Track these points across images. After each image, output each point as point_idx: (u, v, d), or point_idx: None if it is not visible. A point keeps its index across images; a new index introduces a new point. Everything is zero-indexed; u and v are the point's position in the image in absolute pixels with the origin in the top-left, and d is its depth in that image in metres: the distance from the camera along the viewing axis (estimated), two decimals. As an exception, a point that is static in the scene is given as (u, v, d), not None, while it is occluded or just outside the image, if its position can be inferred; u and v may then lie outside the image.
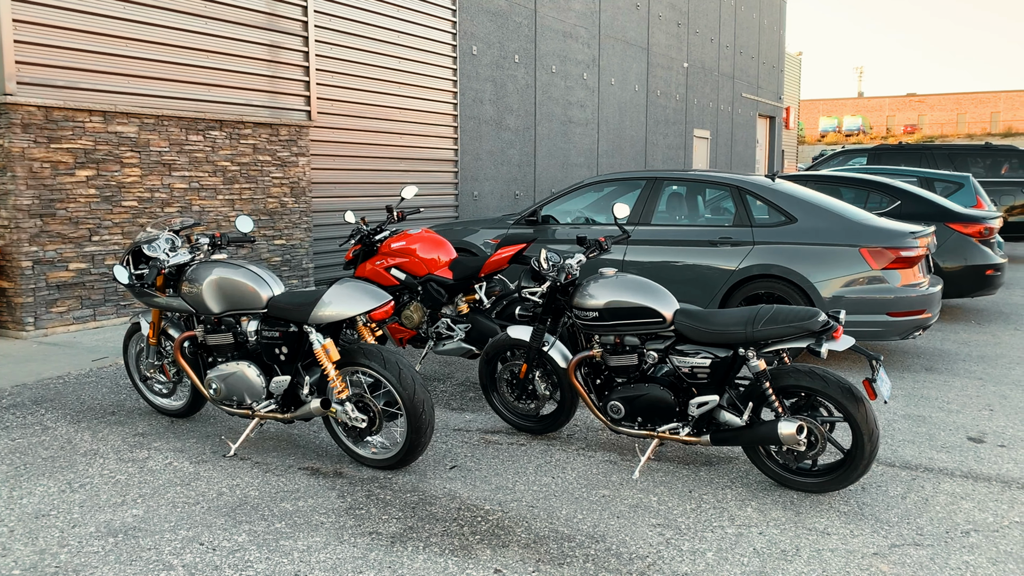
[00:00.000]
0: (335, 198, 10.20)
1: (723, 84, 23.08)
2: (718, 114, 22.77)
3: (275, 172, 9.25)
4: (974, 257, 8.76)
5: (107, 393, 5.71)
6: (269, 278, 4.55)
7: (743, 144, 24.94)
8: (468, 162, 12.64)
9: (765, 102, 26.84)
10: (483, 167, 13.04)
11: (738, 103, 24.29)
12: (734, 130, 24.06)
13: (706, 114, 21.94)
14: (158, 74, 8.03)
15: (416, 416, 4.18)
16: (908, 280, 6.68)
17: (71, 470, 4.36)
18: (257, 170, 9.04)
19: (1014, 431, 5.25)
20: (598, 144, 16.41)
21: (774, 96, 27.86)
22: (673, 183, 7.68)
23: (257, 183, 9.04)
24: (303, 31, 9.54)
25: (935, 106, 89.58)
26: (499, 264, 5.91)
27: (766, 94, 26.90)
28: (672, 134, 19.86)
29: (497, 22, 13.13)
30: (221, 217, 8.67)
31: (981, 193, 11.54)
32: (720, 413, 4.29)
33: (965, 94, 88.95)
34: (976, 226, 8.93)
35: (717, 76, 22.62)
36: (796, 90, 35.22)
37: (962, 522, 3.94)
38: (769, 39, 26.83)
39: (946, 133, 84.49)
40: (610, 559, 3.53)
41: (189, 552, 3.49)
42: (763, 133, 27.49)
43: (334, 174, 10.19)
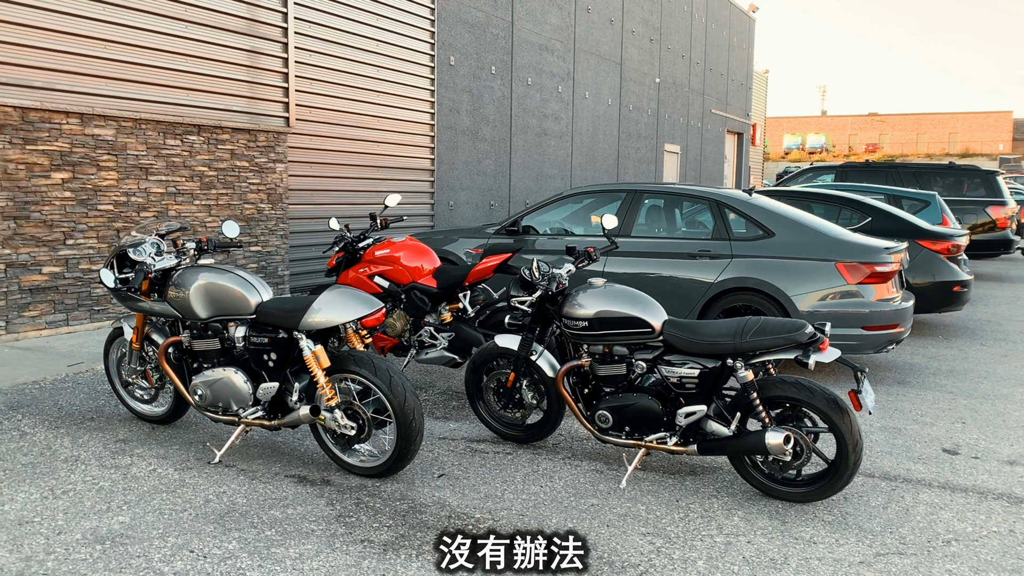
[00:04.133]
0: (312, 205, 10.14)
1: (693, 100, 23.36)
2: (688, 129, 23.03)
3: (252, 178, 9.18)
4: (942, 273, 8.94)
5: (85, 399, 5.62)
6: (258, 283, 4.52)
7: (712, 160, 25.24)
8: (444, 172, 12.65)
9: (734, 118, 27.20)
10: (459, 177, 13.05)
11: (707, 119, 24.60)
12: (703, 145, 24.35)
13: (676, 129, 22.18)
14: (136, 77, 7.94)
15: (406, 424, 4.17)
16: (882, 295, 6.81)
17: (52, 476, 4.28)
18: (235, 176, 8.96)
19: (986, 444, 5.37)
20: (572, 156, 16.52)
21: (742, 113, 28.26)
22: (652, 196, 7.76)
23: (234, 189, 8.96)
24: (283, 37, 9.51)
25: (896, 126, 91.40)
26: (484, 273, 5.93)
27: (735, 111, 27.27)
28: (644, 148, 20.04)
29: (475, 33, 13.19)
30: (197, 223, 8.58)
31: (947, 211, 11.80)
32: (707, 423, 4.34)
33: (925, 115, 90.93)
34: (944, 243, 9.12)
35: (688, 92, 22.89)
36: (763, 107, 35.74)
37: (943, 531, 4.02)
38: (738, 57, 27.22)
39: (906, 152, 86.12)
40: (603, 567, 3.55)
41: (179, 559, 3.45)
42: (731, 149, 27.86)
43: (311, 181, 10.14)
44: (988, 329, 9.65)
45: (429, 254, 6.20)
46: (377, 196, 11.14)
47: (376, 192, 11.16)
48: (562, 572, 3.49)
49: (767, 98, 36.12)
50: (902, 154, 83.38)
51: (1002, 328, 9.71)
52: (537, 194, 15.26)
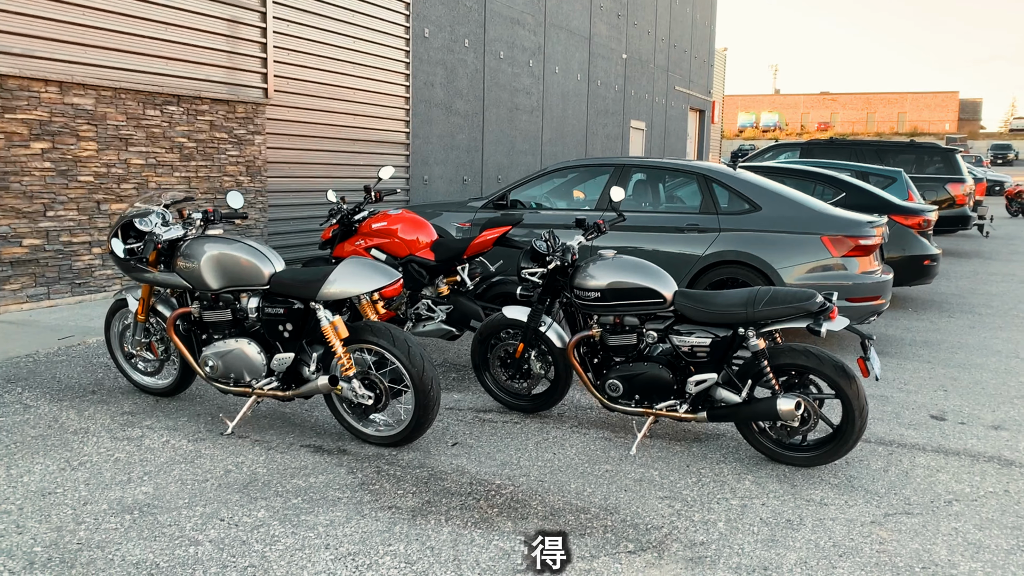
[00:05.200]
0: (290, 178, 10.03)
1: (658, 77, 23.49)
2: (653, 106, 23.17)
3: (231, 150, 9.05)
4: (913, 248, 9.18)
5: (82, 372, 5.54)
6: (270, 254, 4.49)
7: (675, 136, 25.45)
8: (419, 146, 12.59)
9: (696, 96, 27.42)
10: (433, 151, 13.00)
11: (671, 96, 24.76)
12: (668, 122, 24.53)
13: (642, 105, 22.30)
14: (115, 45, 7.75)
15: (425, 393, 4.20)
16: (865, 268, 6.99)
17: (65, 448, 4.23)
18: (214, 148, 8.82)
19: (970, 410, 5.58)
20: (542, 131, 16.53)
21: (704, 90, 28.50)
22: (640, 171, 7.84)
23: (214, 161, 8.82)
24: (261, 6, 9.34)
25: (847, 105, 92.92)
26: (484, 246, 5.95)
27: (697, 88, 27.49)
28: (611, 124, 20.13)
29: (448, 5, 13.09)
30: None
31: (912, 187, 12.10)
32: (717, 391, 4.44)
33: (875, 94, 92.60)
34: (916, 218, 9.37)
35: (653, 69, 23.00)
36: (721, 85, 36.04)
37: (943, 492, 4.18)
38: (701, 34, 27.40)
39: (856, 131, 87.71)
40: (628, 529, 3.64)
41: (211, 528, 3.46)
42: (693, 126, 28.10)
43: (289, 154, 10.02)
44: (954, 302, 9.96)
45: (426, 227, 6.20)
46: (353, 170, 11.06)
47: (352, 166, 11.07)
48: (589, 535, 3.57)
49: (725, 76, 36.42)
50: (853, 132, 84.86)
51: (967, 301, 10.02)
52: (509, 169, 15.26)
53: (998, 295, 10.54)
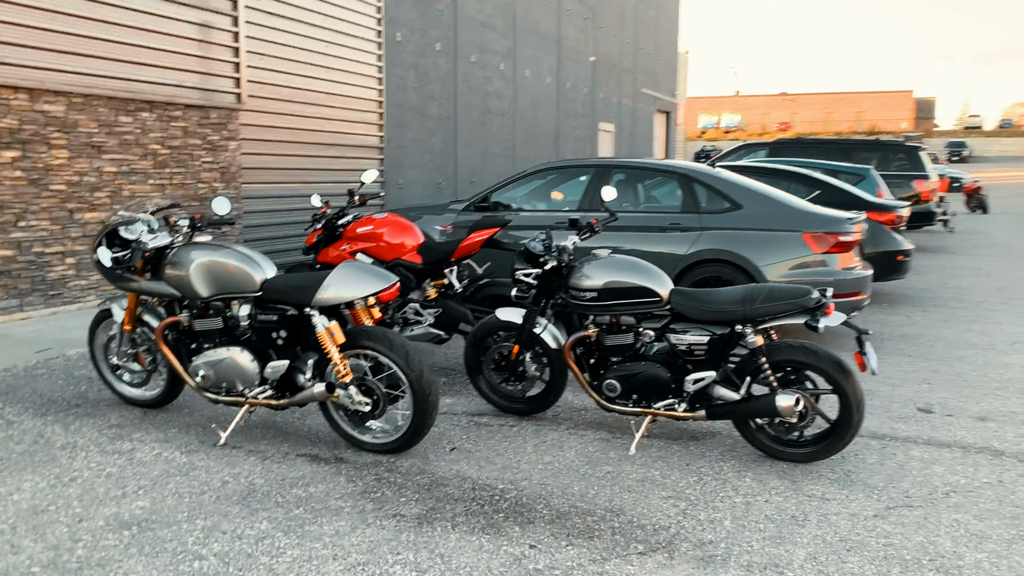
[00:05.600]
0: (265, 184, 9.89)
1: (625, 79, 23.61)
2: (621, 108, 23.27)
3: (206, 156, 8.90)
4: (887, 244, 9.30)
5: (64, 385, 5.40)
6: (262, 260, 4.41)
7: (642, 138, 25.59)
8: (393, 150, 12.50)
9: (662, 98, 27.60)
10: (407, 155, 12.92)
11: (638, 98, 24.90)
12: (635, 124, 24.66)
13: (610, 107, 22.39)
14: (87, 50, 7.58)
15: (424, 398, 4.15)
16: (845, 264, 7.06)
17: (54, 464, 4.12)
18: (188, 154, 8.68)
19: (955, 402, 5.65)
20: (514, 134, 16.52)
21: (669, 92, 28.70)
22: (621, 171, 7.85)
23: (188, 168, 8.68)
24: (233, 10, 9.21)
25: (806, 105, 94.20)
26: (472, 248, 5.91)
27: (663, 90, 27.67)
28: (581, 126, 20.18)
29: (419, 8, 13.03)
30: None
31: (881, 184, 12.27)
32: (714, 388, 4.45)
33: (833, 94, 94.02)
34: (889, 215, 9.51)
35: (620, 71, 23.11)
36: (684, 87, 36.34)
37: (940, 484, 4.22)
38: (665, 37, 27.59)
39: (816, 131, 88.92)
40: (635, 531, 3.62)
41: (214, 541, 3.37)
42: (660, 128, 28.28)
43: (264, 159, 9.89)
44: (926, 296, 10.10)
45: (412, 230, 6.14)
46: (328, 174, 10.95)
47: (326, 170, 10.96)
48: (598, 538, 3.54)
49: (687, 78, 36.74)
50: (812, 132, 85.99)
51: (938, 295, 10.18)
52: (483, 172, 15.22)
53: (967, 289, 10.72)
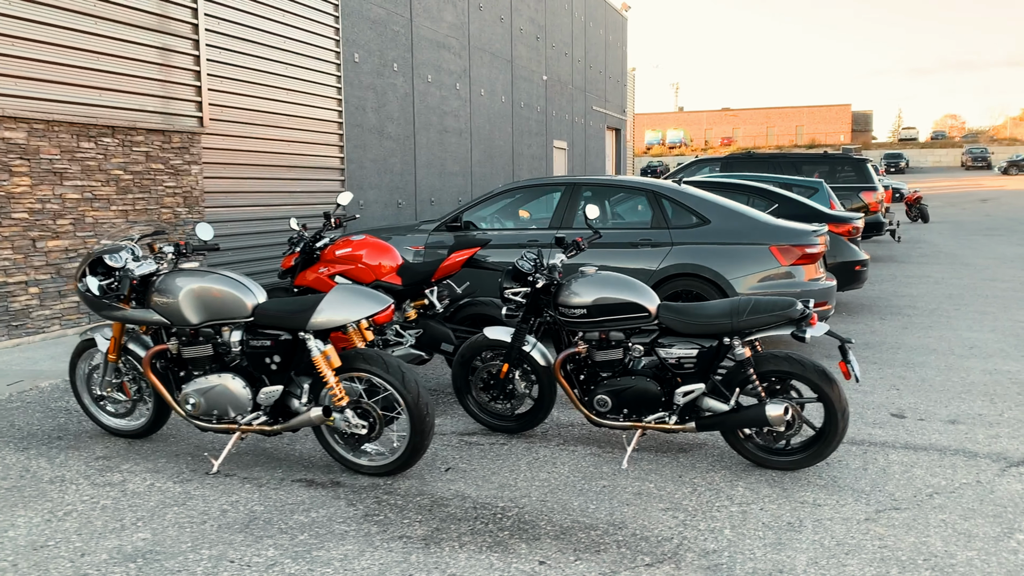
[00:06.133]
0: (228, 207, 9.79)
1: (576, 97, 23.89)
2: (573, 126, 23.53)
3: (168, 181, 8.79)
4: (845, 254, 9.57)
5: (42, 418, 5.27)
6: (252, 285, 4.39)
7: (595, 155, 25.89)
8: (353, 170, 12.47)
9: (612, 115, 27.98)
10: (367, 176, 12.90)
11: (589, 115, 25.21)
12: (587, 141, 24.94)
13: (563, 125, 22.63)
14: (47, 76, 7.46)
15: (420, 419, 4.16)
16: (811, 275, 7.26)
17: (44, 499, 4.02)
18: (150, 179, 8.56)
19: (925, 407, 5.84)
20: (471, 153, 16.60)
21: (619, 109, 29.10)
22: (590, 188, 7.96)
23: (151, 193, 8.55)
24: (193, 34, 9.14)
25: (747, 120, 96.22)
26: (453, 268, 5.94)
27: (613, 107, 28.05)
28: (535, 144, 20.35)
29: (376, 30, 13.05)
30: (115, 229, 8.14)
31: (833, 197, 12.62)
32: (704, 400, 4.54)
33: (773, 108, 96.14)
34: (846, 226, 9.79)
35: (571, 89, 23.39)
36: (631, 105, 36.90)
37: (922, 487, 4.37)
38: (614, 55, 28.01)
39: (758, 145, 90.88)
40: (640, 543, 3.68)
41: (224, 571, 3.34)
42: (611, 144, 28.65)
43: (226, 183, 9.79)
44: (881, 305, 10.40)
45: (391, 251, 6.15)
46: (290, 197, 10.89)
47: (289, 192, 10.90)
48: (604, 551, 3.59)
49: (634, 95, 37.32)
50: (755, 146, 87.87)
51: (893, 303, 10.49)
52: (442, 191, 15.25)
53: (920, 296, 11.06)
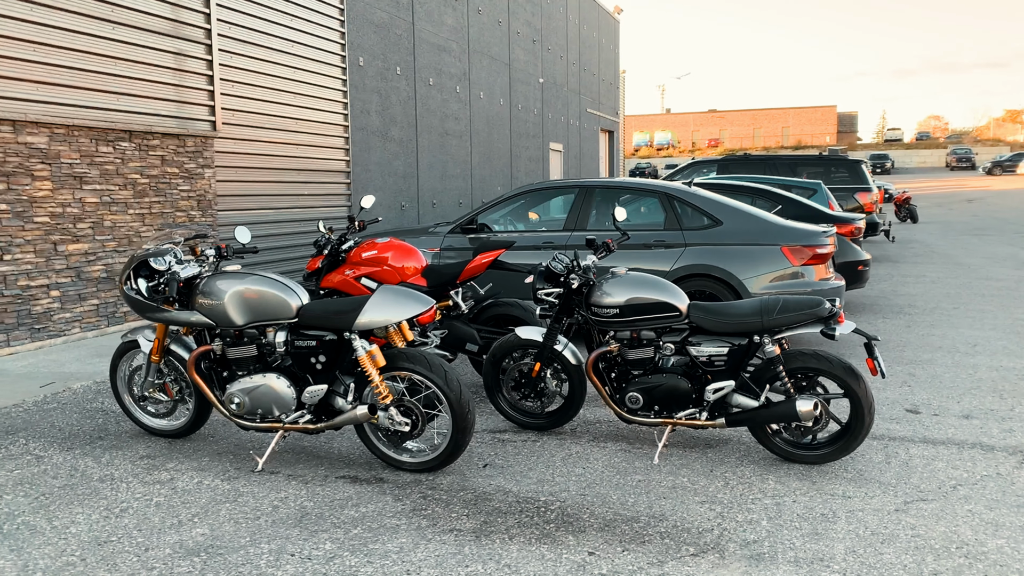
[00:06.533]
0: (239, 211, 9.87)
1: (571, 99, 24.05)
2: (568, 128, 23.69)
3: (183, 185, 8.86)
4: (847, 254, 9.74)
5: (80, 419, 5.35)
6: (295, 287, 4.49)
7: (589, 157, 26.06)
8: (358, 173, 12.57)
9: (606, 117, 28.16)
10: (372, 178, 13.00)
11: (584, 118, 25.38)
12: (582, 144, 25.11)
13: (559, 128, 22.78)
14: (67, 81, 7.53)
15: (463, 416, 4.28)
16: (821, 275, 7.41)
17: (98, 496, 4.11)
18: (166, 183, 8.63)
19: (938, 402, 6.00)
20: (471, 156, 16.72)
21: (612, 112, 29.29)
22: (603, 191, 8.09)
23: (166, 196, 8.63)
24: (206, 39, 9.22)
25: (734, 121, 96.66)
26: (478, 270, 6.05)
27: (606, 109, 28.24)
28: (532, 147, 20.49)
29: (380, 34, 13.16)
30: (132, 233, 8.21)
31: (832, 198, 12.82)
32: (733, 397, 4.68)
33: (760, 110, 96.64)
34: (849, 226, 9.97)
35: (567, 92, 23.55)
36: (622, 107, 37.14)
37: (945, 479, 4.51)
38: (606, 57, 28.20)
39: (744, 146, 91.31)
40: (682, 534, 3.81)
41: (287, 564, 3.44)
42: (604, 147, 28.83)
43: (238, 186, 9.87)
44: (883, 304, 10.58)
45: (416, 254, 6.26)
46: (298, 200, 10.97)
47: (297, 196, 10.98)
48: (650, 542, 3.71)
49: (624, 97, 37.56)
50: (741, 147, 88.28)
51: (892, 303, 10.67)
52: (443, 194, 15.36)
53: (919, 295, 11.25)
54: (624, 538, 3.75)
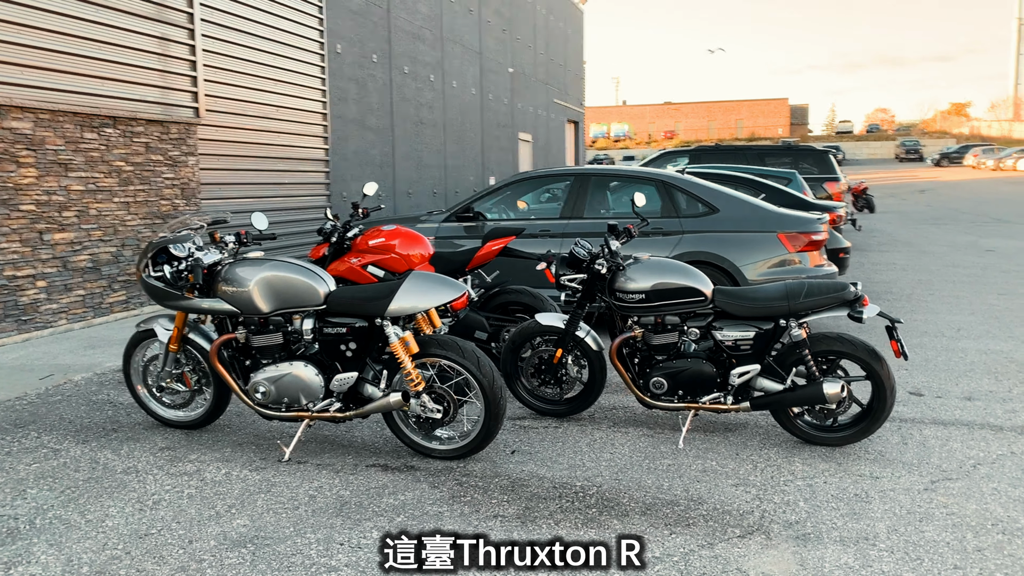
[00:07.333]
0: (223, 199, 9.67)
1: (539, 90, 24.03)
2: (537, 118, 23.68)
3: (167, 172, 8.65)
4: (830, 242, 9.87)
5: (89, 410, 5.20)
6: (322, 273, 4.41)
7: (556, 147, 26.08)
8: (336, 162, 12.41)
9: (571, 108, 28.20)
10: (349, 167, 12.84)
11: (551, 108, 25.38)
12: (549, 134, 25.12)
13: (528, 118, 22.75)
14: (52, 65, 7.29)
15: (495, 403, 4.24)
16: (815, 262, 7.51)
17: (126, 489, 4.00)
18: (150, 171, 8.42)
19: (938, 385, 6.12)
20: (445, 145, 16.61)
21: (577, 102, 29.34)
22: (599, 179, 8.09)
23: (151, 184, 8.42)
24: (189, 23, 9.00)
25: (689, 113, 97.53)
26: (488, 257, 6.01)
27: (572, 100, 28.28)
28: (503, 136, 20.44)
29: (357, 20, 12.99)
30: (118, 221, 7.99)
31: (806, 187, 12.99)
32: (757, 380, 4.71)
33: (714, 103, 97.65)
34: (831, 214, 10.10)
35: (535, 82, 23.52)
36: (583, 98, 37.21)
37: (963, 459, 4.60)
38: (572, 48, 28.23)
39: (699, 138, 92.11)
40: (724, 516, 3.83)
41: (338, 552, 3.39)
42: (570, 137, 28.88)
43: (221, 174, 9.67)
44: (863, 291, 10.76)
45: (423, 241, 6.19)
46: (279, 188, 10.79)
47: (277, 184, 10.80)
48: (694, 525, 3.73)
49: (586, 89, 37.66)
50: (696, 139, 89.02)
51: (870, 290, 10.83)
52: (419, 183, 15.24)
53: (893, 282, 11.48)
54: (668, 521, 3.76)
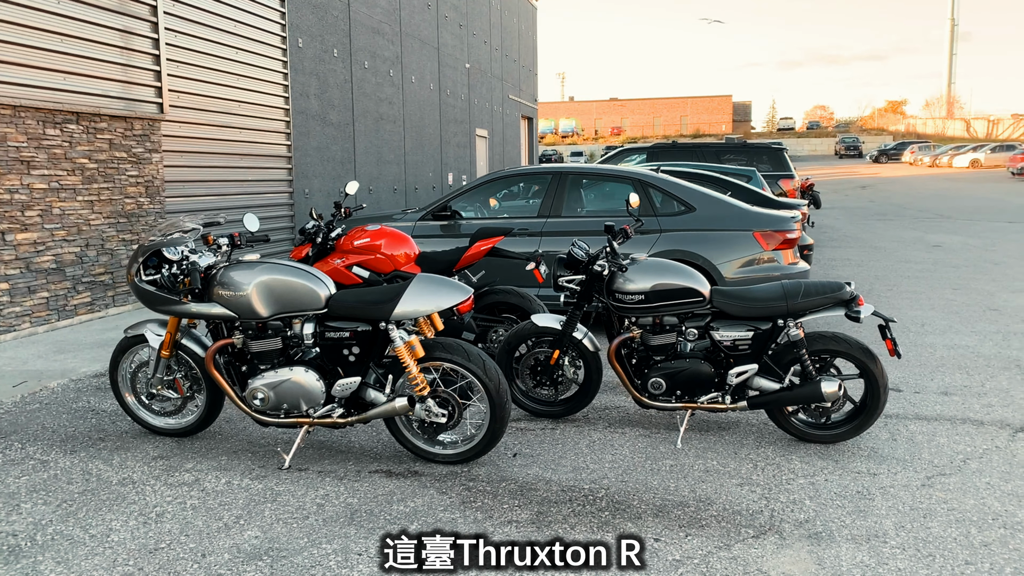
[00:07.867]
0: (187, 197, 9.43)
1: (495, 85, 23.97)
2: (492, 114, 23.61)
3: (131, 170, 8.39)
4: (794, 240, 10.03)
5: (71, 419, 5.01)
6: (322, 276, 4.31)
7: (511, 143, 26.06)
8: (298, 158, 12.19)
9: (525, 104, 28.20)
10: (311, 164, 12.63)
11: (506, 104, 25.34)
12: (504, 130, 25.08)
13: (484, 114, 22.68)
14: (12, 58, 7.00)
15: (501, 406, 4.21)
16: (789, 260, 7.62)
17: (127, 501, 3.86)
18: (114, 168, 8.16)
19: (914, 380, 6.26)
20: (404, 141, 16.45)
21: (531, 98, 29.35)
22: (576, 177, 8.09)
23: (115, 182, 8.15)
24: (152, 16, 8.73)
25: (635, 110, 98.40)
26: (476, 257, 5.96)
27: (525, 96, 28.27)
28: (460, 132, 20.33)
29: (318, 14, 12.77)
30: (82, 221, 7.73)
31: (765, 184, 13.19)
32: (755, 380, 4.75)
33: (659, 99, 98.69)
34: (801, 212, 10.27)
35: (490, 78, 23.45)
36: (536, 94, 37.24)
37: (952, 454, 4.71)
38: (526, 44, 28.21)
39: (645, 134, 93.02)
40: (735, 517, 3.85)
41: (360, 564, 3.32)
42: (524, 133, 28.88)
43: (185, 172, 9.42)
44: (824, 287, 10.96)
45: (408, 241, 6.11)
46: (243, 186, 10.57)
47: (241, 181, 10.57)
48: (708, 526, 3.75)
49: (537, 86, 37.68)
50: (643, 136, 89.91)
51: (833, 285, 11.06)
52: (379, 180, 15.07)
53: (851, 278, 11.55)
54: (682, 523, 3.77)
